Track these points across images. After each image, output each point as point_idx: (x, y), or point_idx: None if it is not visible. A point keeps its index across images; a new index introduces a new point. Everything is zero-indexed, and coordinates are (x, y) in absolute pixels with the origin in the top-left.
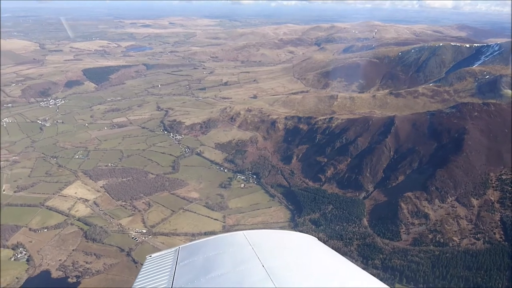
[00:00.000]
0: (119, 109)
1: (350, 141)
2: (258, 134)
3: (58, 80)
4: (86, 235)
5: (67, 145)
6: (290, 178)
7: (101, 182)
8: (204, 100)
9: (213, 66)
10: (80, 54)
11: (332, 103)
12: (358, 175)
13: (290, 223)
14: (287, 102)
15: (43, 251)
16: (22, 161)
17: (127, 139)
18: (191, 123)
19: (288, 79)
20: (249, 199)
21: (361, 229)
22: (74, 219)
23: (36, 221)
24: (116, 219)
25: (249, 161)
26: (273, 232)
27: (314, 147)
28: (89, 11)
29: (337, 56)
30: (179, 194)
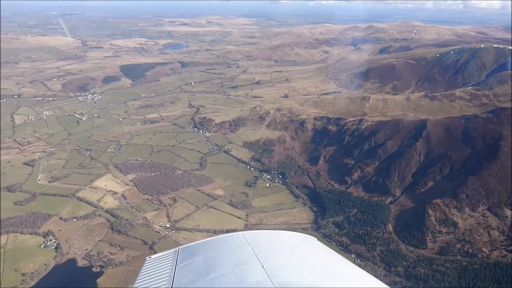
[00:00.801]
0: (152, 105)
1: (379, 144)
2: (286, 134)
3: (97, 76)
4: (113, 227)
5: (101, 138)
6: (316, 179)
7: (130, 176)
8: (235, 99)
9: (246, 65)
10: (119, 51)
11: (364, 104)
12: (385, 179)
13: (313, 225)
14: (318, 103)
15: (71, 240)
16: (58, 153)
17: (158, 135)
18: (220, 121)
19: (321, 79)
20: (273, 198)
21: (386, 234)
22: (102, 211)
23: (66, 211)
24: (142, 213)
25: (276, 161)
26: (273, 233)
27: (341, 149)
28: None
29: (372, 56)
30: (205, 191)
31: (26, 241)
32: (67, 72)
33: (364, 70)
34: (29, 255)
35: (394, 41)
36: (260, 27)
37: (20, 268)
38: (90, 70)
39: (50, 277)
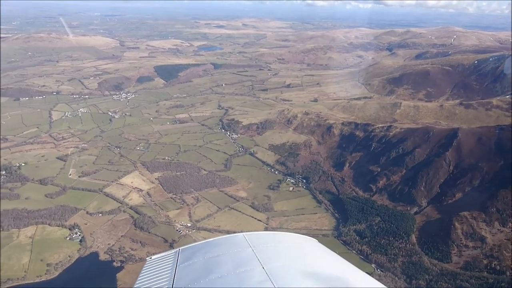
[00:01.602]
0: (183, 105)
1: (406, 152)
2: (312, 138)
3: (131, 76)
4: (135, 223)
5: (131, 136)
6: (340, 186)
7: (157, 174)
8: (264, 101)
9: (278, 68)
10: (154, 51)
11: (395, 111)
12: (411, 188)
13: (334, 232)
14: (347, 108)
15: (95, 234)
16: (90, 149)
17: (186, 135)
18: (248, 123)
19: (352, 84)
20: (296, 203)
21: (408, 245)
22: (127, 207)
23: (93, 206)
24: (164, 211)
25: (301, 165)
26: (274, 234)
27: (368, 156)
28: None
29: (407, 62)
30: (227, 192)
31: (53, 232)
32: (103, 71)
33: (397, 76)
34: (55, 246)
35: (432, 47)
36: (295, 30)
37: (45, 259)
38: (125, 69)
39: (73, 269)
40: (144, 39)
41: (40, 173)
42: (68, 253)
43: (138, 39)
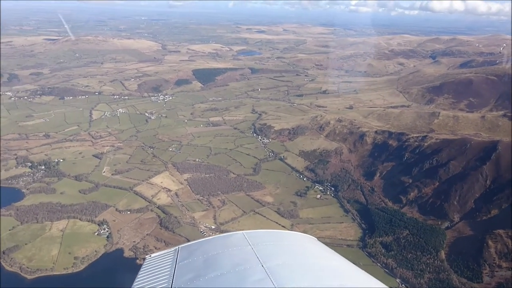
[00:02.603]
0: (217, 108)
1: (441, 164)
2: (344, 146)
3: (170, 78)
4: (161, 223)
5: (164, 137)
6: (369, 195)
7: (186, 175)
8: (298, 107)
9: (315, 73)
10: (194, 55)
11: (432, 120)
12: (443, 202)
13: (359, 243)
14: (383, 116)
15: (122, 231)
16: (124, 148)
17: (218, 138)
18: (280, 128)
19: (390, 91)
20: (322, 211)
21: (437, 262)
22: (154, 206)
23: (123, 203)
24: (190, 212)
25: (330, 172)
26: (273, 232)
27: (400, 166)
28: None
29: (451, 70)
30: (254, 196)
31: (83, 227)
32: (144, 73)
33: (437, 84)
34: (84, 240)
35: (479, 55)
36: (336, 36)
37: (73, 252)
38: (165, 72)
39: (98, 263)
40: (185, 43)
41: (76, 170)
42: (95, 248)
43: (180, 43)
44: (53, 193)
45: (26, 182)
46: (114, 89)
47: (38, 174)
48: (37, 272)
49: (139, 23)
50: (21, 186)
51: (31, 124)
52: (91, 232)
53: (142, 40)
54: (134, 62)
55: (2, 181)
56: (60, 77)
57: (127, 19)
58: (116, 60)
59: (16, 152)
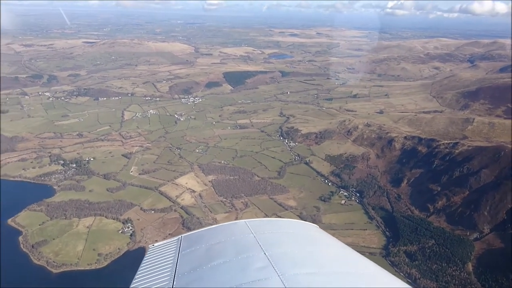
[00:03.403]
0: (246, 111)
1: (472, 172)
2: (371, 151)
3: (201, 81)
4: (184, 223)
5: (192, 139)
6: (395, 203)
7: (211, 177)
8: (327, 111)
9: (347, 77)
10: (226, 58)
11: (466, 127)
12: (473, 212)
13: (382, 251)
14: (414, 121)
15: (145, 230)
16: (152, 148)
17: (244, 140)
18: (307, 131)
19: (423, 96)
20: (346, 217)
21: (463, 274)
22: (178, 207)
23: (147, 203)
24: (213, 213)
25: (356, 178)
26: (275, 221)
27: (428, 173)
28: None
29: (489, 75)
30: (277, 200)
31: (108, 224)
32: (176, 75)
33: (474, 89)
34: (108, 238)
35: None
36: (370, 40)
37: (97, 248)
38: (196, 75)
39: (120, 260)
40: (218, 46)
41: (105, 168)
42: (118, 245)
43: (213, 46)
44: (82, 190)
45: (58, 179)
46: (146, 91)
47: (69, 172)
48: (62, 267)
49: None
50: (53, 183)
51: (66, 124)
52: (116, 230)
53: (176, 43)
54: (167, 65)
55: (36, 178)
56: (96, 78)
57: (163, 23)
58: (150, 63)
59: (50, 150)
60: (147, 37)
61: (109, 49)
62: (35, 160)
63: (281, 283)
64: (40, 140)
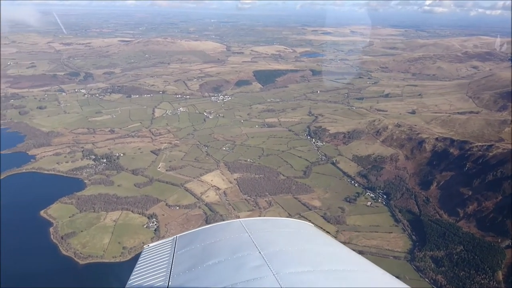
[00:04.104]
0: (274, 110)
1: (506, 176)
2: (400, 152)
3: (231, 79)
4: (207, 220)
5: (219, 137)
6: (423, 206)
7: (236, 175)
8: (357, 110)
9: (379, 76)
10: (257, 57)
11: (503, 129)
12: (506, 218)
13: (407, 255)
14: (447, 122)
15: (169, 225)
16: (180, 146)
17: (271, 139)
18: (335, 131)
19: (458, 96)
20: (371, 219)
21: (492, 283)
22: (202, 203)
23: (173, 199)
24: (236, 211)
25: (383, 179)
26: (270, 220)
27: (459, 176)
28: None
29: None
30: (301, 200)
31: (134, 219)
32: (206, 74)
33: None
34: (133, 232)
35: None
36: (406, 38)
37: (122, 242)
38: (226, 73)
39: None
40: (250, 45)
41: (134, 164)
42: (143, 239)
43: (245, 45)
44: (111, 185)
45: (88, 173)
46: (177, 89)
47: (100, 167)
48: (89, 258)
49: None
50: (84, 177)
51: (99, 120)
52: (141, 225)
53: (208, 41)
54: (198, 63)
55: (68, 172)
56: (129, 76)
57: (197, 22)
58: (182, 61)
59: (83, 145)
60: (181, 36)
61: (143, 48)
62: (68, 155)
63: (276, 282)
64: (74, 135)
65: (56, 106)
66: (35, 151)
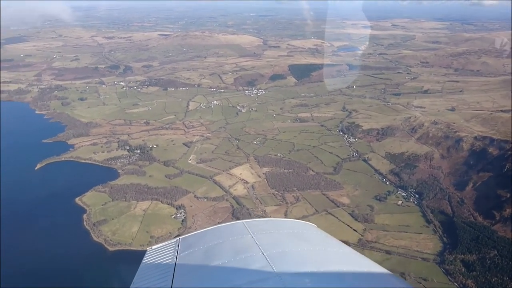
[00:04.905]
0: (308, 105)
1: None
2: (436, 151)
3: (265, 73)
4: (233, 213)
5: (251, 131)
6: (457, 207)
7: (265, 169)
8: (393, 106)
9: (419, 71)
10: (293, 51)
11: None
12: None
13: (437, 258)
14: (488, 120)
15: (196, 217)
16: (212, 139)
17: (303, 134)
18: (368, 127)
19: (503, 93)
20: (401, 218)
21: None
22: (230, 196)
23: (201, 191)
24: (263, 205)
25: (416, 178)
26: (273, 221)
27: (497, 178)
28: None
29: None
30: (330, 196)
31: (162, 209)
32: (242, 67)
33: None
34: (161, 222)
35: None
36: (450, 32)
37: (150, 231)
38: (261, 67)
39: None
40: (287, 38)
41: (166, 156)
42: (170, 229)
43: (282, 38)
44: (143, 175)
45: (122, 163)
46: (212, 82)
47: (133, 157)
48: (118, 246)
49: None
50: (118, 167)
51: (136, 112)
52: (169, 215)
53: (245, 35)
54: (234, 57)
55: (104, 161)
56: (166, 69)
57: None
58: (219, 55)
59: (119, 136)
60: (219, 30)
61: (181, 42)
62: (104, 145)
63: (280, 283)
64: (112, 126)
65: (96, 98)
66: (74, 141)
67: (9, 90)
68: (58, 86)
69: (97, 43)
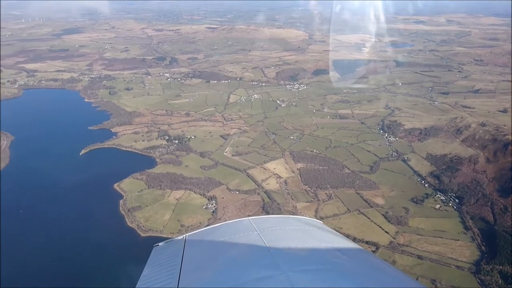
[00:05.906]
0: (349, 101)
1: None
2: (481, 154)
3: (308, 68)
4: (264, 207)
5: (289, 126)
6: (500, 215)
7: (299, 165)
8: (439, 106)
9: (472, 70)
10: (339, 46)
11: None
12: None
13: (472, 266)
14: None
15: (227, 209)
16: (249, 132)
17: (341, 131)
18: (411, 127)
19: None
20: (437, 223)
21: None
22: (261, 190)
23: (234, 183)
24: (294, 201)
25: (457, 182)
26: (279, 218)
27: None
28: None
29: None
30: (364, 196)
31: (195, 199)
32: (285, 62)
33: None
34: (192, 211)
35: None
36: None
37: (181, 220)
38: (304, 61)
39: None
40: (333, 33)
41: (203, 147)
42: (200, 219)
43: (328, 33)
44: (179, 165)
45: (160, 153)
46: (254, 76)
47: (171, 147)
48: (149, 232)
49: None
50: (156, 156)
51: (178, 103)
52: (200, 205)
53: (291, 29)
54: (278, 51)
55: (143, 150)
56: (210, 62)
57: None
58: (263, 49)
59: (160, 126)
60: (265, 24)
61: (227, 35)
62: (145, 134)
63: (286, 281)
64: (153, 116)
65: (141, 88)
66: (117, 129)
67: (62, 78)
68: (107, 75)
69: (147, 35)
